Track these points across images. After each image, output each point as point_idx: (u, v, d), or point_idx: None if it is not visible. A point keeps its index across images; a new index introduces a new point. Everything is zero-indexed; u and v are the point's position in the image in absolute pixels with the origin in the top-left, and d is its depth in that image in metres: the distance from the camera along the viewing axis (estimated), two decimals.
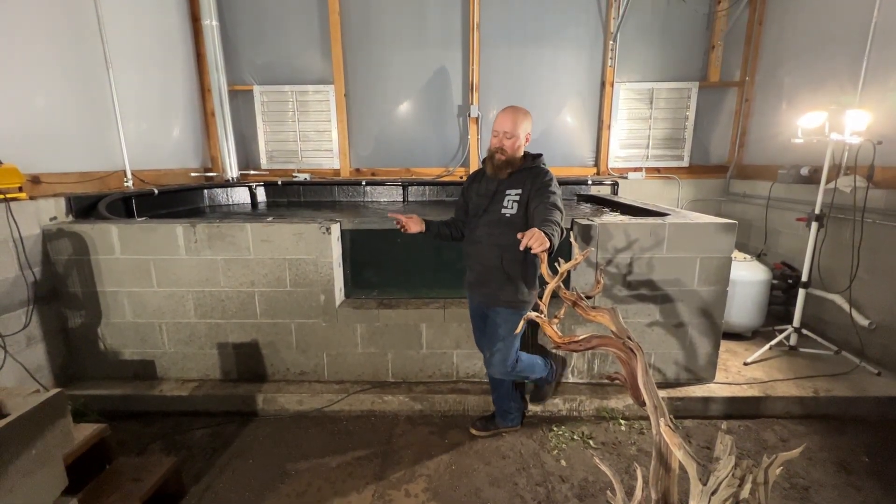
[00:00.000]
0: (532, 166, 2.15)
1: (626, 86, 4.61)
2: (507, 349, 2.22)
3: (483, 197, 2.20)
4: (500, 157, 2.09)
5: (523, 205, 2.09)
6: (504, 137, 2.07)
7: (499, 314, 2.20)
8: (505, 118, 2.09)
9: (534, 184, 2.08)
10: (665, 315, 2.71)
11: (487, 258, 2.17)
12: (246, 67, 4.71)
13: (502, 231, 2.10)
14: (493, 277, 2.18)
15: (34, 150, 2.82)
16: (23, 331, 2.54)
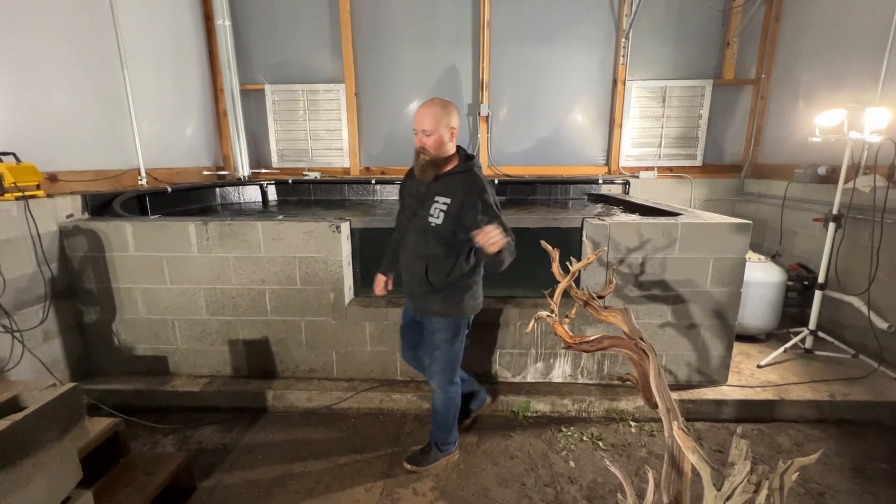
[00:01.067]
0: (464, 171, 1.92)
1: (639, 84, 4.56)
2: (448, 358, 2.09)
3: (413, 198, 2.02)
4: (424, 158, 1.88)
5: (451, 216, 1.87)
6: (423, 135, 1.84)
7: (432, 322, 2.07)
8: (421, 114, 1.84)
9: (467, 199, 1.85)
10: (677, 316, 2.67)
11: (413, 266, 2.02)
12: (258, 67, 4.75)
13: (426, 240, 1.95)
14: (419, 287, 2.03)
15: (52, 149, 2.87)
16: (40, 326, 2.59)
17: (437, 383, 2.14)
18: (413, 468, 2.22)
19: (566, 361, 2.80)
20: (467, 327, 2.15)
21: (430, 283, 1.98)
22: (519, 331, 2.75)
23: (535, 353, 2.79)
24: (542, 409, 2.69)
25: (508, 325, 2.75)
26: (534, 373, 2.83)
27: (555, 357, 2.79)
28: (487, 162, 4.75)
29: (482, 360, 2.82)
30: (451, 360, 2.11)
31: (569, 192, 4.66)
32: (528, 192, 4.69)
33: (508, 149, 4.79)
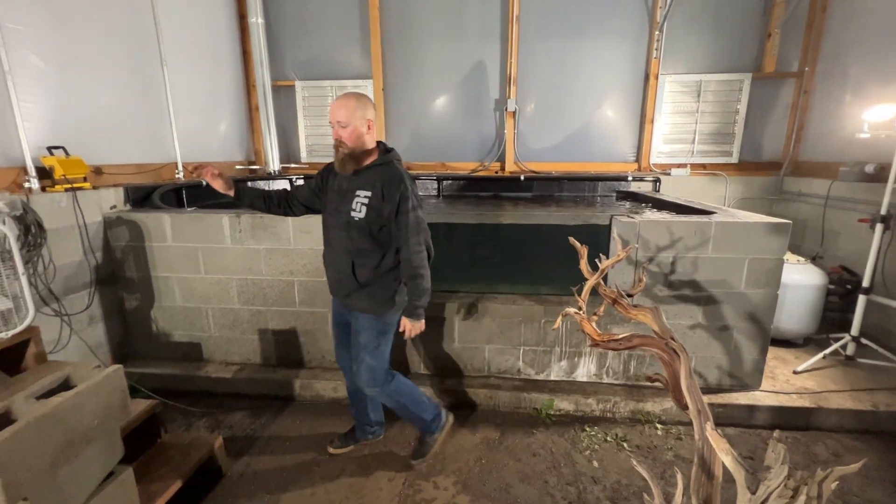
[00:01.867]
0: (383, 164, 1.91)
1: (672, 78, 4.42)
2: (374, 359, 2.04)
3: (335, 194, 1.97)
4: (342, 151, 1.85)
5: (374, 209, 1.86)
6: (339, 127, 1.82)
7: (358, 320, 2.03)
8: (335, 107, 1.83)
9: (387, 191, 1.85)
10: (709, 317, 2.59)
11: (339, 263, 1.99)
12: (289, 63, 4.85)
13: (351, 235, 1.92)
14: (346, 283, 1.99)
15: (97, 143, 3.02)
16: (85, 311, 2.74)
17: (368, 385, 2.07)
18: (420, 462, 2.23)
19: (591, 360, 2.76)
20: (393, 326, 2.08)
21: (356, 278, 1.95)
22: (544, 328, 2.73)
23: (559, 351, 2.76)
24: (566, 408, 2.66)
25: (533, 321, 2.73)
26: (557, 371, 2.80)
27: (579, 356, 2.76)
28: (513, 158, 4.71)
29: (506, 354, 2.81)
30: (381, 361, 2.07)
31: (596, 189, 4.58)
32: (554, 189, 4.63)
33: (535, 145, 4.73)
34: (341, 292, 2.05)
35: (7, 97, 2.43)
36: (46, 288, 2.48)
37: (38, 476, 1.29)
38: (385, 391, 2.11)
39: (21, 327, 2.04)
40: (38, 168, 2.56)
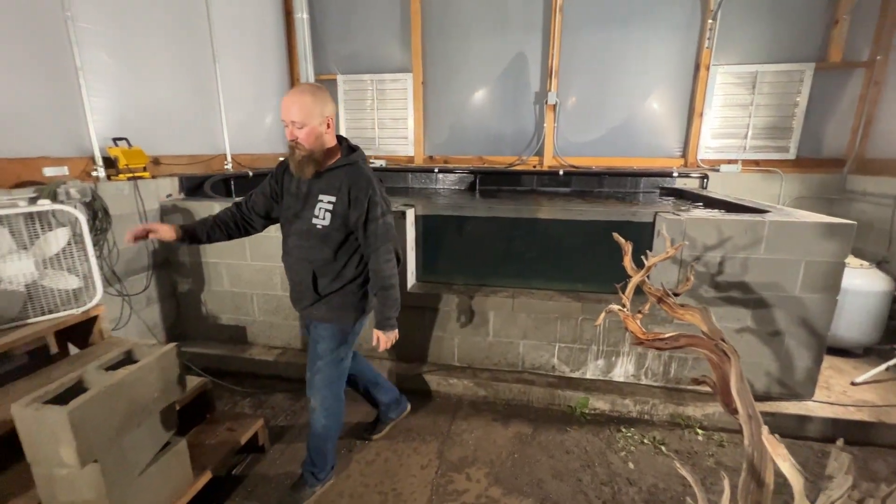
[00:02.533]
0: (347, 165, 1.74)
1: (725, 69, 4.19)
2: (335, 371, 1.91)
3: (294, 197, 1.79)
4: (300, 153, 1.66)
5: (339, 216, 1.71)
6: (294, 128, 1.62)
7: (317, 329, 1.89)
8: (288, 104, 1.61)
9: (353, 196, 1.70)
10: (758, 321, 2.47)
11: (299, 273, 1.83)
12: (331, 58, 4.95)
13: (313, 245, 1.76)
14: (304, 294, 1.85)
15: (155, 135, 3.20)
16: (143, 292, 2.93)
17: (320, 400, 1.91)
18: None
19: (629, 360, 2.69)
20: (355, 335, 1.97)
21: (317, 290, 1.82)
22: (581, 325, 2.69)
23: (596, 350, 2.71)
24: (601, 407, 2.61)
25: (569, 318, 2.69)
26: (593, 369, 2.75)
27: (617, 355, 2.69)
28: (552, 152, 4.63)
29: (541, 350, 2.79)
30: (338, 372, 1.93)
31: (639, 185, 4.43)
32: (594, 185, 4.51)
33: (575, 138, 4.63)
34: (302, 303, 1.88)
35: (79, 92, 2.62)
36: (110, 270, 2.68)
37: (107, 441, 1.40)
38: (330, 409, 1.92)
39: (90, 305, 2.21)
40: (104, 158, 2.75)
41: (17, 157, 2.32)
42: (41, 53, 2.43)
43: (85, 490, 1.38)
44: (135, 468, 1.54)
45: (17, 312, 2.01)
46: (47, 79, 2.46)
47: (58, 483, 1.36)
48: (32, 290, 2.05)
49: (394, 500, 2.00)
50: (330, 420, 1.94)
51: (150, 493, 1.60)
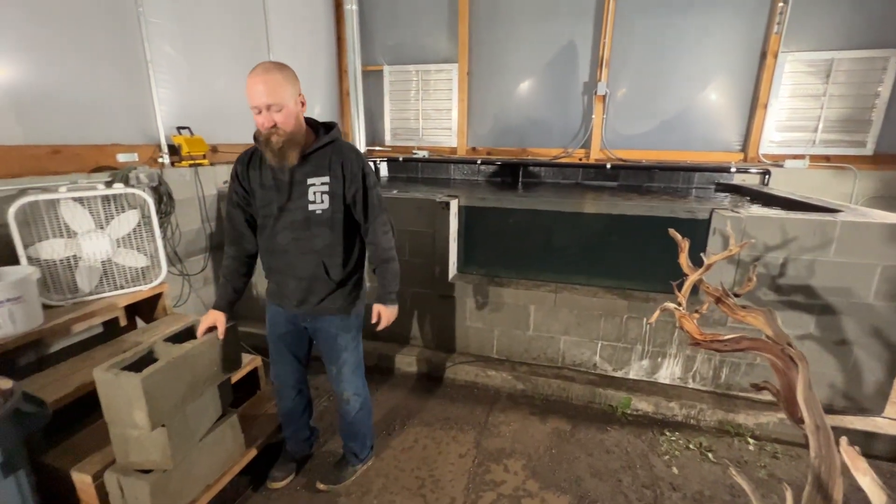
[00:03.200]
0: (332, 142, 1.64)
1: (795, 56, 3.88)
2: (359, 357, 1.90)
3: (272, 190, 1.63)
4: (279, 139, 1.51)
5: (337, 196, 1.63)
6: (272, 112, 1.48)
7: (333, 324, 1.80)
8: (259, 85, 1.45)
9: (348, 171, 1.62)
10: (823, 329, 2.30)
11: (303, 269, 1.69)
12: (378, 48, 5.00)
13: (316, 233, 1.65)
14: (315, 289, 1.72)
15: (214, 124, 3.36)
16: (201, 273, 3.12)
17: (353, 390, 1.90)
18: (329, 487, 1.99)
19: (676, 363, 2.59)
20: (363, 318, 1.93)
21: (331, 279, 1.71)
22: (626, 324, 2.61)
23: (640, 350, 2.63)
24: (644, 409, 2.54)
25: (614, 316, 2.62)
26: (637, 369, 2.67)
27: (664, 356, 2.60)
28: (600, 144, 4.48)
29: (582, 347, 2.74)
30: (361, 357, 1.93)
31: (692, 180, 4.21)
32: (643, 179, 4.34)
33: (625, 131, 4.45)
34: (310, 301, 1.74)
35: (148, 83, 2.79)
36: (173, 251, 2.86)
37: (173, 408, 1.51)
38: (363, 395, 1.95)
39: (156, 282, 2.38)
40: (168, 146, 2.92)
41: (95, 144, 2.51)
42: (117, 47, 2.60)
43: (153, 451, 1.50)
44: (195, 435, 1.65)
45: (95, 286, 2.20)
46: (122, 71, 2.64)
47: (130, 443, 1.49)
48: (107, 266, 2.23)
49: (431, 486, 2.04)
50: (364, 405, 1.97)
51: (208, 459, 1.72)
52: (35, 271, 1.90)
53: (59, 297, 2.08)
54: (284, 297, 1.78)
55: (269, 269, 1.78)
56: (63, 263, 2.08)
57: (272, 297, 1.84)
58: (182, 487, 1.60)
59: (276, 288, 1.80)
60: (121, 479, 1.49)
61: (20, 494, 1.42)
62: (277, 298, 1.82)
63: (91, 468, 1.55)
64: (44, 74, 2.26)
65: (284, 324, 1.85)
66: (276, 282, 1.78)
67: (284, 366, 1.92)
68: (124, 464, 1.52)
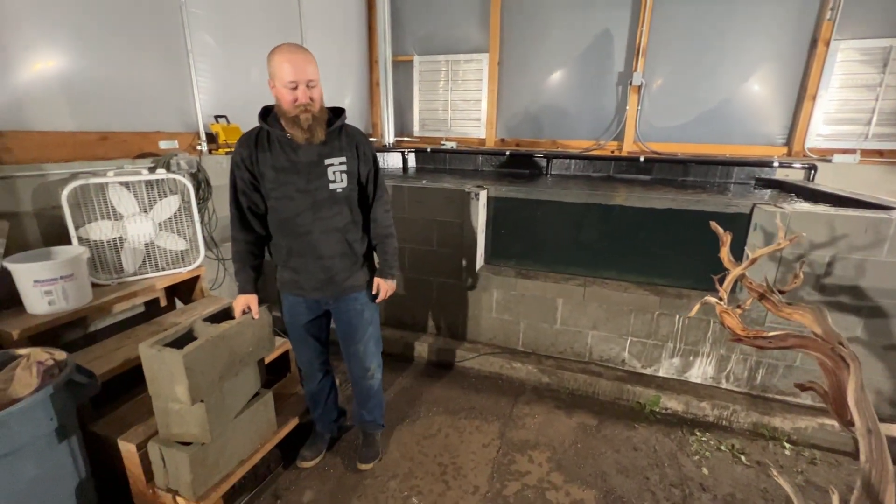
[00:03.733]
0: (345, 125, 1.71)
1: (848, 44, 3.65)
2: (377, 329, 1.99)
3: (289, 172, 1.61)
4: (308, 116, 1.53)
5: (353, 175, 1.69)
6: (309, 88, 1.53)
7: (358, 300, 1.85)
8: (301, 62, 1.51)
9: (362, 151, 1.70)
10: (872, 332, 2.19)
11: (327, 248, 1.70)
12: (409, 38, 4.99)
13: (337, 211, 1.68)
14: (340, 268, 1.75)
15: (248, 113, 3.38)
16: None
17: (377, 362, 1.98)
18: (372, 466, 2.06)
19: (709, 362, 2.52)
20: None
21: (355, 255, 1.77)
22: (657, 320, 2.55)
23: (672, 347, 2.56)
24: (674, 407, 2.48)
25: (645, 312, 2.56)
26: (668, 367, 2.61)
27: (696, 355, 2.53)
28: (633, 137, 4.35)
29: (611, 343, 2.69)
30: (378, 329, 2.00)
31: (730, 175, 4.04)
32: (678, 173, 4.19)
33: (660, 123, 4.31)
34: (336, 281, 1.77)
35: (188, 72, 2.88)
36: (209, 235, 2.96)
37: (211, 385, 1.58)
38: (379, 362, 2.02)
39: (194, 265, 2.47)
40: (206, 133, 3.01)
41: (140, 132, 2.61)
42: (160, 36, 2.69)
43: (192, 425, 1.57)
44: (231, 411, 1.72)
45: (138, 267, 2.30)
46: (165, 60, 2.73)
47: (172, 416, 1.56)
48: (150, 249, 2.33)
49: (454, 473, 2.06)
50: (382, 373, 2.07)
51: (242, 436, 1.78)
52: (85, 251, 2.01)
53: (106, 276, 2.19)
54: (304, 284, 1.78)
55: (287, 253, 1.75)
56: (109, 245, 2.19)
57: (288, 286, 1.83)
58: (218, 461, 1.67)
59: (293, 275, 1.78)
60: (163, 450, 1.57)
61: (72, 457, 1.51)
62: (295, 288, 1.81)
63: (136, 438, 1.64)
64: (93, 64, 2.36)
65: (306, 312, 1.87)
66: (293, 267, 1.76)
67: (309, 351, 1.97)
68: (166, 435, 1.60)
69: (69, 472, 1.50)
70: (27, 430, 1.34)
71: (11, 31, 2.02)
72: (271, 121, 1.63)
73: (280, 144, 1.62)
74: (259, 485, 1.94)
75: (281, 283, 1.85)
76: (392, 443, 2.24)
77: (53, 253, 1.97)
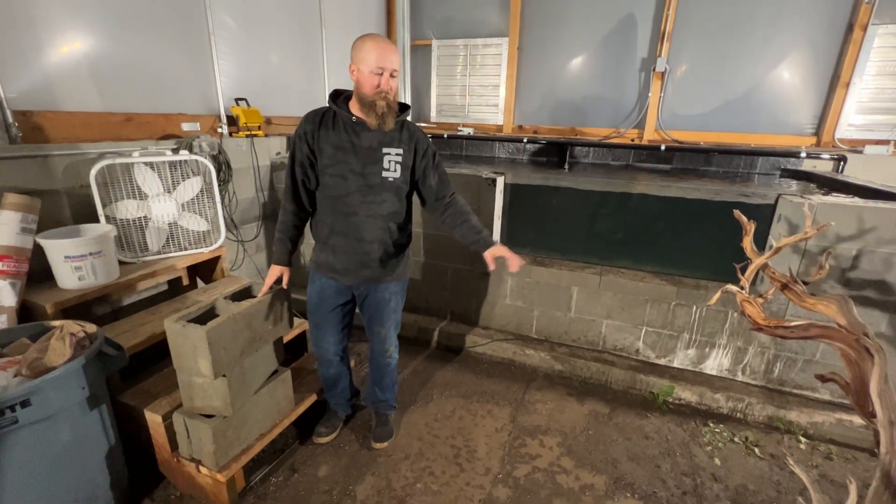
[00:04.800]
0: (407, 121, 1.77)
1: (887, 29, 3.49)
2: (399, 315, 2.04)
3: (348, 152, 1.67)
4: (383, 104, 1.60)
5: (406, 168, 1.73)
6: (392, 78, 1.60)
7: (387, 289, 1.90)
8: (390, 52, 1.58)
9: (419, 147, 1.75)
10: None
11: (369, 232, 1.74)
12: (427, 22, 4.94)
13: (384, 199, 1.73)
14: (378, 254, 1.78)
15: (268, 97, 3.47)
16: (254, 239, 3.28)
17: (395, 343, 2.07)
18: (387, 445, 2.12)
19: (725, 354, 2.49)
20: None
21: (395, 245, 1.82)
22: (673, 311, 2.52)
23: (687, 338, 2.54)
24: (687, 398, 2.47)
25: (661, 302, 2.54)
26: (682, 358, 2.59)
27: (712, 346, 2.50)
28: (655, 125, 4.26)
29: (625, 332, 2.68)
30: (400, 317, 2.07)
31: (755, 165, 3.93)
32: (699, 162, 4.09)
33: (683, 111, 4.20)
34: (371, 266, 1.81)
35: (210, 55, 2.91)
36: (230, 217, 3.02)
37: (232, 360, 1.63)
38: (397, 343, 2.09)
39: (215, 246, 2.53)
40: (227, 116, 3.05)
41: (163, 113, 2.66)
42: (182, 18, 2.72)
43: (215, 398, 1.62)
44: (252, 387, 1.77)
45: (162, 246, 2.36)
46: (187, 43, 2.76)
47: (195, 389, 1.62)
48: (173, 228, 2.39)
49: (467, 455, 2.10)
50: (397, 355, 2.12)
51: (262, 411, 1.84)
52: (112, 229, 2.07)
53: (132, 254, 2.26)
54: (338, 266, 1.81)
55: (330, 231, 1.78)
56: (135, 224, 2.25)
57: (324, 268, 1.86)
58: (239, 434, 1.73)
59: (330, 256, 1.81)
60: (187, 421, 1.63)
61: (102, 425, 1.58)
62: (329, 270, 1.84)
63: (161, 409, 1.70)
64: (119, 46, 2.40)
65: (335, 297, 1.90)
66: (333, 246, 1.79)
67: (330, 337, 1.99)
68: (190, 407, 1.66)
69: (100, 439, 1.58)
70: (61, 397, 1.41)
71: (41, 12, 2.06)
72: (340, 102, 1.70)
73: (344, 125, 1.68)
74: (277, 458, 2.00)
75: (317, 263, 1.89)
76: (405, 424, 2.29)
77: (83, 230, 2.04)
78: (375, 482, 1.92)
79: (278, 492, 1.86)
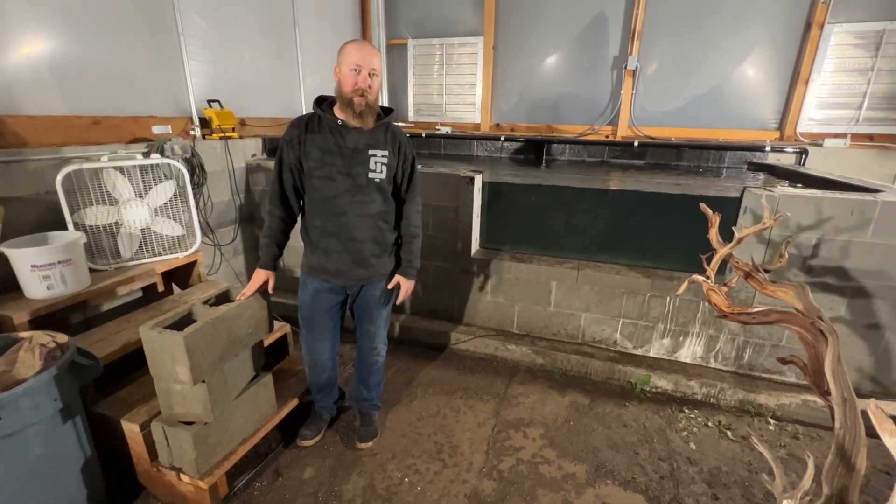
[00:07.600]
0: (392, 125, 1.81)
1: (843, 28, 3.67)
2: (389, 313, 2.06)
3: (334, 154, 1.70)
4: (362, 101, 1.63)
5: (391, 169, 1.76)
6: (372, 77, 1.64)
7: (378, 288, 1.92)
8: (369, 52, 1.63)
9: (402, 149, 1.80)
10: (854, 312, 2.26)
11: (360, 231, 1.77)
12: (403, 21, 4.94)
13: (371, 198, 1.76)
14: (370, 252, 1.82)
15: (242, 98, 3.42)
16: (231, 243, 3.23)
17: (384, 341, 2.08)
18: (373, 444, 2.12)
19: (698, 342, 2.58)
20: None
21: (385, 242, 1.86)
22: (648, 302, 2.60)
23: (662, 328, 2.63)
24: (664, 386, 2.55)
25: (636, 294, 2.62)
26: (658, 348, 2.67)
27: (685, 335, 2.59)
28: (628, 121, 4.37)
29: (603, 325, 2.75)
30: (389, 315, 2.09)
31: (723, 159, 4.07)
32: (671, 158, 4.21)
33: (654, 107, 4.32)
34: (363, 265, 1.83)
35: (180, 55, 2.85)
36: (205, 221, 2.96)
37: (212, 365, 1.61)
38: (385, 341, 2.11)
39: (191, 250, 2.48)
40: (199, 118, 2.99)
41: (132, 116, 2.59)
42: (150, 18, 2.65)
43: (194, 404, 1.60)
44: (232, 392, 1.75)
45: (135, 252, 2.31)
46: (156, 43, 2.70)
47: (174, 396, 1.60)
48: (146, 234, 2.34)
49: (449, 451, 2.12)
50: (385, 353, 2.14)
51: (243, 416, 1.83)
52: (82, 236, 2.01)
53: (103, 262, 2.20)
54: (330, 268, 1.82)
55: (321, 233, 1.79)
56: (106, 230, 2.19)
57: (317, 271, 1.85)
58: (221, 439, 1.71)
59: (322, 258, 1.82)
60: (166, 429, 1.60)
61: (77, 437, 1.55)
62: (322, 273, 1.84)
63: (139, 418, 1.67)
64: (84, 47, 2.33)
65: (329, 299, 1.90)
66: (324, 248, 1.80)
67: (325, 342, 1.99)
68: (169, 415, 1.64)
69: (75, 451, 1.54)
70: (32, 410, 1.37)
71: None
72: (325, 107, 1.74)
73: (330, 129, 1.72)
74: (261, 463, 1.99)
75: (308, 267, 1.89)
76: (389, 422, 2.30)
77: (50, 238, 1.98)
78: (361, 482, 1.92)
79: (263, 496, 1.84)
